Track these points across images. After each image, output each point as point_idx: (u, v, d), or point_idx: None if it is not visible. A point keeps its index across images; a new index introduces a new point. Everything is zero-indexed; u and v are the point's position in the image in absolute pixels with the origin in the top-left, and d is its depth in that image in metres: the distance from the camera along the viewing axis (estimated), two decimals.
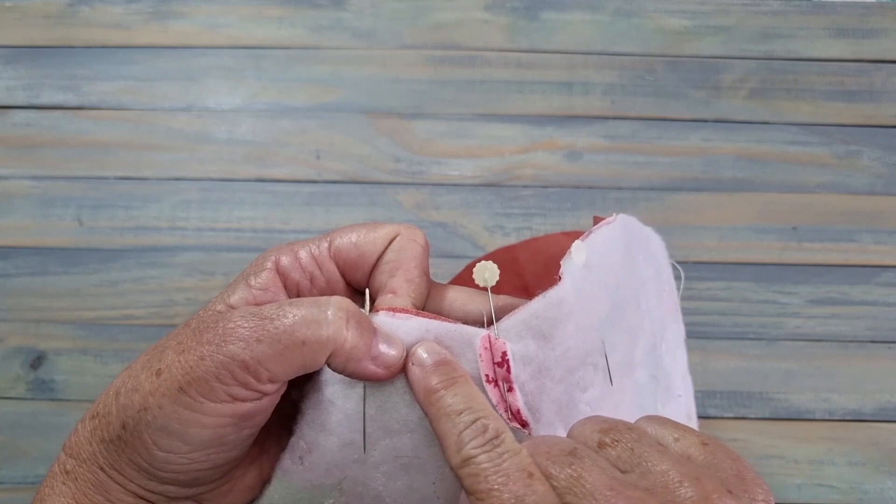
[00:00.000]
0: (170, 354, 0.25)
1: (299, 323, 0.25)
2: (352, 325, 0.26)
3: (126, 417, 0.25)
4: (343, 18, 0.73)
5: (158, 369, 0.25)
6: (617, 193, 0.69)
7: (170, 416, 0.24)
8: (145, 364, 0.26)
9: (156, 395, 0.24)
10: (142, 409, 0.24)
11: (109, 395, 0.26)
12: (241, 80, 0.72)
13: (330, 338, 0.25)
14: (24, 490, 0.63)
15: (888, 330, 0.67)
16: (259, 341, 0.24)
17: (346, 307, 0.26)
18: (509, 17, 0.74)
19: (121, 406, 0.25)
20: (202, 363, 0.24)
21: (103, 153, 0.70)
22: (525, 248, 0.47)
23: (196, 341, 0.25)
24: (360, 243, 0.29)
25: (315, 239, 0.29)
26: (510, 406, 0.28)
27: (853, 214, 0.69)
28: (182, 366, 0.24)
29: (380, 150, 0.70)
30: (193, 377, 0.24)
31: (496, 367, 0.28)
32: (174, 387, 0.24)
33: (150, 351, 0.27)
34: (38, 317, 0.66)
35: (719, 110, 0.71)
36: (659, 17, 0.74)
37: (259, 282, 0.28)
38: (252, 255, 0.68)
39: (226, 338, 0.24)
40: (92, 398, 0.64)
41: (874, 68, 0.73)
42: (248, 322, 0.25)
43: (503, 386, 0.28)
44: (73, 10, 0.73)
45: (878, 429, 0.64)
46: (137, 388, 0.25)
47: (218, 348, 0.24)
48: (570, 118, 0.71)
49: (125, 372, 0.26)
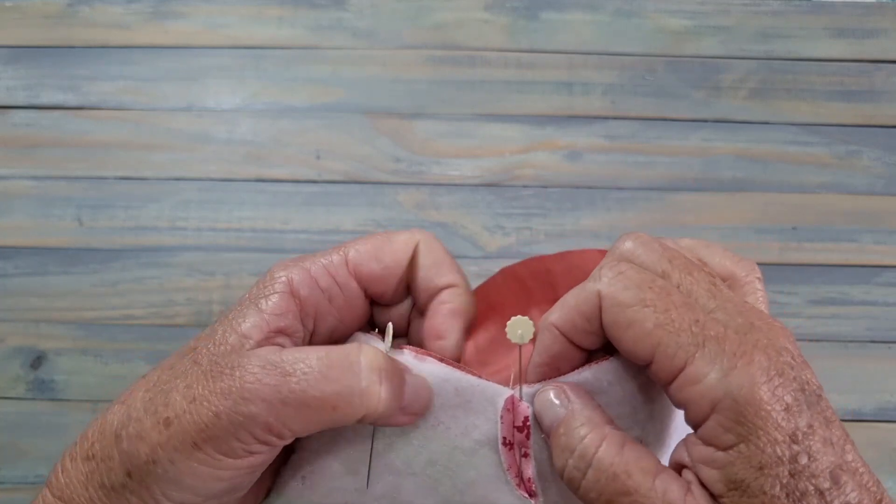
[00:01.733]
0: (178, 400, 0.23)
1: (328, 385, 0.23)
2: (385, 387, 0.24)
3: (131, 467, 0.23)
4: (343, 18, 0.73)
5: (167, 418, 0.23)
6: (617, 193, 0.69)
7: (182, 471, 0.23)
8: (147, 405, 0.24)
9: (166, 449, 0.23)
10: (150, 462, 0.23)
11: (106, 435, 0.24)
12: (241, 80, 0.72)
13: (363, 404, 0.24)
14: (24, 490, 0.63)
15: (888, 330, 0.67)
16: (284, 404, 0.23)
17: (378, 365, 0.24)
18: (509, 17, 0.74)
19: (124, 453, 0.23)
20: (218, 421, 0.23)
21: (103, 153, 0.70)
22: (559, 260, 0.45)
23: (209, 390, 0.23)
24: (381, 256, 0.27)
25: (325, 253, 0.27)
26: (522, 473, 0.27)
27: (853, 214, 0.69)
28: (195, 420, 0.23)
29: (380, 150, 0.70)
30: (209, 435, 0.23)
31: (516, 430, 0.26)
32: (187, 442, 0.23)
33: (151, 382, 0.25)
34: (38, 317, 0.66)
35: (719, 110, 0.71)
36: (659, 17, 0.74)
37: (271, 306, 0.25)
38: (252, 255, 0.68)
39: (244, 395, 0.23)
40: (92, 398, 0.64)
41: (874, 68, 0.73)
42: (270, 378, 0.23)
43: (519, 450, 0.27)
44: (73, 10, 0.73)
45: (878, 429, 0.64)
46: (143, 436, 0.23)
47: (236, 406, 0.23)
48: (570, 118, 0.71)
49: (121, 407, 0.25)
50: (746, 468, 0.21)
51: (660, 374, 0.23)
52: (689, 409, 0.23)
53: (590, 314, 0.25)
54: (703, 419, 0.22)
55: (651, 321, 0.23)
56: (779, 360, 0.22)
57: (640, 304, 0.23)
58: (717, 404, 0.22)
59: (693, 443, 0.23)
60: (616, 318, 0.24)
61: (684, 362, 0.22)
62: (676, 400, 0.23)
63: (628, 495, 0.22)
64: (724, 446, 0.22)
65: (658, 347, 0.23)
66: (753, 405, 0.21)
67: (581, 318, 0.25)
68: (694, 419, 0.23)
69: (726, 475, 0.22)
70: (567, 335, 0.26)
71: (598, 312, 0.25)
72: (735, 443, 0.22)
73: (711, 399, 0.22)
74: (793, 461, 0.21)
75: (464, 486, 0.27)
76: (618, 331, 0.24)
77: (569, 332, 0.26)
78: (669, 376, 0.23)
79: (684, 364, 0.22)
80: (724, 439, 0.22)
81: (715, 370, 0.22)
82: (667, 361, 0.23)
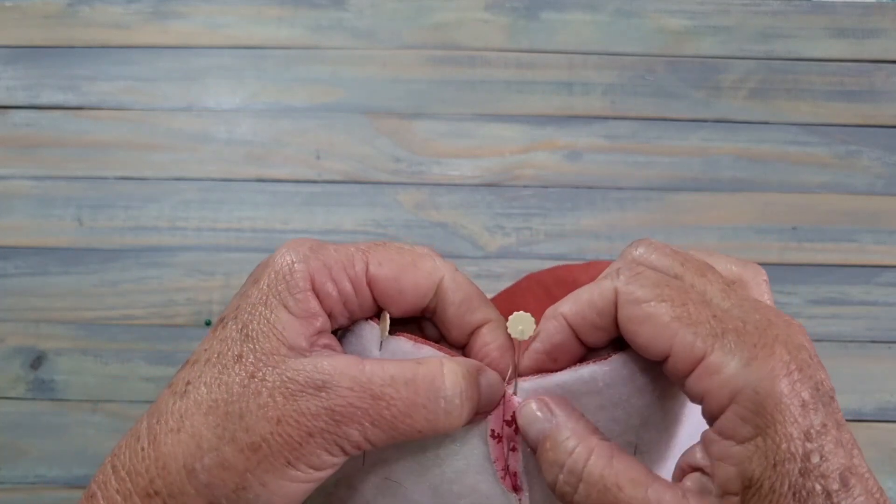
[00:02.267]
0: (260, 422, 0.23)
1: (416, 411, 0.24)
2: (467, 408, 0.25)
3: (215, 498, 0.23)
4: (343, 18, 0.73)
5: (253, 443, 0.23)
6: (617, 193, 0.69)
7: (274, 491, 0.23)
8: (220, 432, 0.23)
9: (256, 473, 0.23)
10: (239, 489, 0.23)
11: (171, 471, 0.24)
12: (241, 80, 0.72)
13: (448, 426, 0.25)
14: (24, 490, 0.63)
15: (888, 330, 0.67)
16: (375, 426, 0.24)
17: (461, 389, 0.25)
18: (509, 17, 0.74)
19: (203, 486, 0.23)
20: (312, 440, 0.23)
21: (103, 153, 0.70)
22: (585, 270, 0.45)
23: (295, 410, 0.23)
24: (402, 284, 0.27)
25: (347, 252, 0.27)
26: (509, 466, 0.27)
27: (853, 214, 0.69)
28: (287, 441, 0.23)
29: (380, 150, 0.70)
30: (303, 453, 0.23)
31: (505, 424, 0.27)
32: (280, 462, 0.23)
33: (207, 404, 0.24)
34: (38, 317, 0.66)
35: (719, 110, 0.71)
36: (659, 17, 0.74)
37: (301, 308, 0.25)
38: (252, 255, 0.68)
39: (336, 417, 0.23)
40: (92, 398, 0.64)
41: (874, 68, 0.73)
42: (361, 402, 0.24)
43: (507, 444, 0.27)
44: (73, 10, 0.73)
45: (878, 429, 0.64)
46: (226, 465, 0.23)
47: (329, 426, 0.23)
48: (570, 118, 0.71)
49: (180, 437, 0.24)
50: (762, 464, 0.21)
51: (677, 367, 0.23)
52: (708, 400, 0.23)
53: (602, 309, 0.25)
54: (722, 410, 0.22)
55: (668, 314, 0.23)
56: (798, 355, 0.22)
57: (656, 298, 0.24)
58: (736, 394, 0.22)
59: (711, 439, 0.23)
60: (633, 312, 0.24)
61: (703, 352, 0.22)
62: (694, 392, 0.23)
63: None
64: (741, 439, 0.22)
65: (676, 338, 0.23)
66: (773, 397, 0.21)
67: (592, 312, 0.25)
68: (711, 411, 0.23)
69: (742, 472, 0.22)
70: (574, 327, 0.26)
71: (611, 308, 0.25)
72: (753, 435, 0.22)
73: (731, 389, 0.22)
74: (805, 459, 0.21)
75: (452, 474, 0.27)
76: (635, 325, 0.24)
77: (577, 324, 0.26)
78: (687, 368, 0.23)
79: (703, 354, 0.22)
80: (742, 431, 0.22)
81: (735, 360, 0.22)
82: (685, 352, 0.23)
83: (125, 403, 0.64)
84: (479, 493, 0.27)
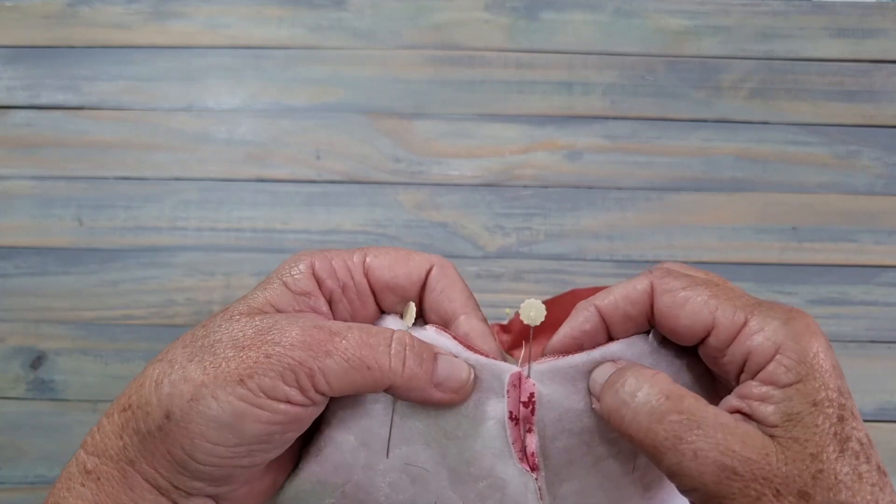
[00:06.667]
0: (226, 349, 0.25)
1: (366, 349, 0.26)
2: (410, 357, 0.27)
3: (172, 407, 0.25)
4: (343, 18, 0.73)
5: (214, 361, 0.25)
6: (617, 193, 0.69)
7: (224, 407, 0.25)
8: (190, 356, 0.26)
9: (210, 387, 0.25)
10: (193, 399, 0.25)
11: (145, 386, 0.26)
12: (241, 80, 0.72)
13: (392, 368, 0.26)
14: (24, 490, 0.63)
15: (888, 330, 0.67)
16: (328, 354, 0.25)
17: (406, 341, 0.27)
18: (509, 17, 0.74)
19: (164, 395, 0.25)
20: (269, 360, 0.25)
21: (103, 153, 0.70)
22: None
23: (260, 340, 0.25)
24: (394, 267, 0.29)
25: (347, 251, 0.30)
26: (525, 447, 0.28)
27: (853, 214, 0.69)
28: (244, 360, 0.25)
29: (380, 150, 0.70)
30: (255, 371, 0.25)
31: (522, 406, 0.28)
32: (233, 379, 0.25)
33: (187, 341, 0.27)
34: (38, 317, 0.66)
35: (719, 110, 0.71)
36: (659, 17, 0.74)
37: (299, 286, 0.28)
38: (252, 255, 0.68)
39: (294, 343, 0.25)
40: (92, 398, 0.64)
41: (874, 68, 0.73)
42: (317, 334, 0.26)
43: (523, 426, 0.28)
44: (73, 10, 0.73)
45: (878, 429, 0.64)
46: (187, 378, 0.25)
47: (287, 350, 0.25)
48: (570, 118, 0.71)
49: (158, 365, 0.26)
50: (803, 403, 0.23)
51: (720, 337, 0.26)
52: (752, 358, 0.25)
53: (636, 300, 0.27)
54: (767, 362, 0.24)
55: (705, 294, 0.26)
56: (822, 333, 0.25)
57: (691, 284, 0.27)
58: (780, 346, 0.24)
59: (749, 387, 0.25)
60: (672, 299, 0.27)
61: (744, 318, 0.25)
62: (738, 357, 0.25)
63: (681, 413, 0.24)
64: (783, 384, 0.24)
65: (718, 311, 0.26)
66: (812, 350, 0.24)
67: (626, 303, 0.28)
68: (756, 366, 0.25)
69: (783, 409, 0.24)
70: (606, 317, 0.28)
71: (645, 299, 0.27)
72: (795, 381, 0.24)
73: (775, 342, 0.24)
74: (841, 408, 0.24)
75: (470, 456, 0.28)
76: (675, 309, 0.26)
77: (609, 314, 0.28)
78: (731, 335, 0.25)
79: (745, 320, 0.25)
80: (785, 378, 0.24)
81: (776, 321, 0.25)
82: (727, 321, 0.25)
83: None
84: (496, 474, 0.28)
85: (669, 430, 0.24)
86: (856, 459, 0.23)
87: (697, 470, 0.23)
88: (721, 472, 0.23)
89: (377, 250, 0.30)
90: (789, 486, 0.23)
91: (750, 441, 0.23)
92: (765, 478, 0.23)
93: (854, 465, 0.23)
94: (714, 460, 0.23)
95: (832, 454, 0.23)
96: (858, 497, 0.23)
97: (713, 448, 0.23)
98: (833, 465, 0.23)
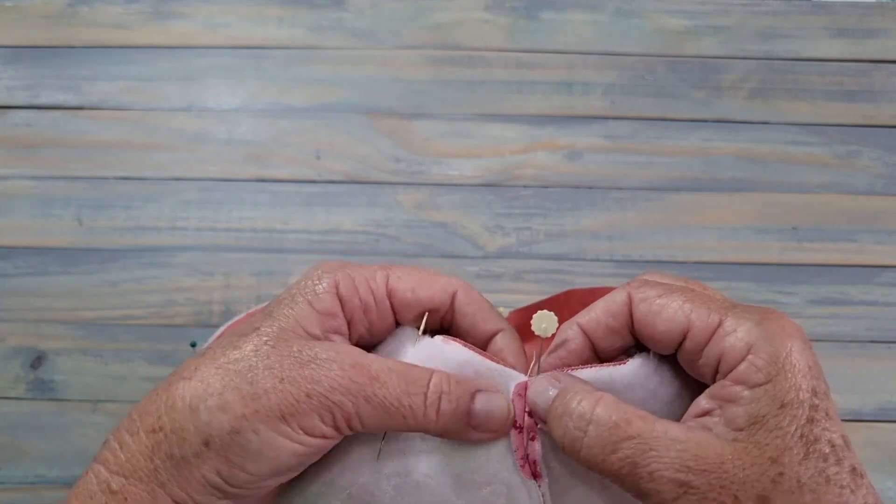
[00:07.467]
0: (265, 378, 0.26)
1: (406, 398, 0.27)
2: (445, 403, 0.27)
3: (211, 436, 0.25)
4: (343, 18, 0.73)
5: (254, 393, 0.25)
6: (617, 193, 0.69)
7: (264, 441, 0.25)
8: (226, 382, 0.26)
9: (251, 420, 0.25)
10: (233, 432, 0.25)
11: (178, 409, 0.26)
12: (241, 80, 0.72)
13: (426, 417, 0.27)
14: (24, 490, 0.63)
15: (888, 330, 0.67)
16: (367, 401, 0.26)
17: (443, 388, 0.28)
18: (509, 17, 0.74)
19: (203, 423, 0.25)
20: (309, 401, 0.26)
21: (103, 153, 0.70)
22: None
23: (300, 375, 0.26)
24: (418, 291, 0.30)
25: (368, 268, 0.30)
26: (528, 455, 0.28)
27: (853, 214, 0.69)
28: (286, 397, 0.25)
29: (380, 150, 0.70)
30: (297, 411, 0.25)
31: (526, 414, 0.28)
32: (275, 415, 0.25)
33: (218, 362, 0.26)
34: (38, 317, 0.66)
35: (719, 110, 0.71)
36: (659, 17, 0.74)
37: (323, 305, 0.28)
38: (252, 255, 0.68)
39: (335, 385, 0.26)
40: (92, 398, 0.64)
41: (874, 68, 0.73)
42: (357, 376, 0.26)
43: (527, 434, 0.28)
44: (73, 10, 0.73)
45: (878, 429, 0.64)
46: (226, 408, 0.25)
47: (327, 392, 0.26)
48: (570, 118, 0.71)
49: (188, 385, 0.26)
50: (770, 404, 0.23)
51: (695, 339, 0.26)
52: (725, 359, 0.25)
53: (616, 312, 0.28)
54: (739, 362, 0.25)
55: (681, 300, 0.26)
56: (800, 332, 0.25)
57: (667, 291, 0.27)
58: (752, 346, 0.24)
59: (721, 386, 0.25)
60: (648, 308, 0.27)
61: (719, 320, 0.25)
62: (712, 358, 0.25)
63: (631, 439, 0.24)
64: (753, 384, 0.24)
65: (692, 314, 0.26)
66: (785, 350, 0.24)
67: (607, 316, 0.28)
68: (728, 367, 0.25)
69: (749, 411, 0.24)
70: (590, 333, 0.28)
71: (624, 310, 0.27)
72: (765, 381, 0.24)
73: (747, 342, 0.24)
74: (812, 409, 0.23)
75: (474, 464, 0.28)
76: (651, 317, 0.27)
77: (592, 329, 0.28)
78: (706, 337, 0.25)
79: (719, 321, 0.25)
80: (755, 378, 0.24)
81: (749, 321, 0.25)
82: (702, 323, 0.26)
83: (125, 403, 0.64)
84: (500, 481, 0.28)
85: (624, 457, 0.24)
86: (823, 462, 0.23)
87: (656, 489, 0.24)
88: (678, 488, 0.23)
89: (400, 270, 0.30)
90: (747, 492, 0.23)
91: (703, 452, 0.23)
92: (722, 486, 0.23)
93: (821, 468, 0.23)
94: (669, 478, 0.23)
95: (796, 457, 0.23)
96: (823, 500, 0.23)
97: (668, 467, 0.23)
98: (795, 468, 0.23)
